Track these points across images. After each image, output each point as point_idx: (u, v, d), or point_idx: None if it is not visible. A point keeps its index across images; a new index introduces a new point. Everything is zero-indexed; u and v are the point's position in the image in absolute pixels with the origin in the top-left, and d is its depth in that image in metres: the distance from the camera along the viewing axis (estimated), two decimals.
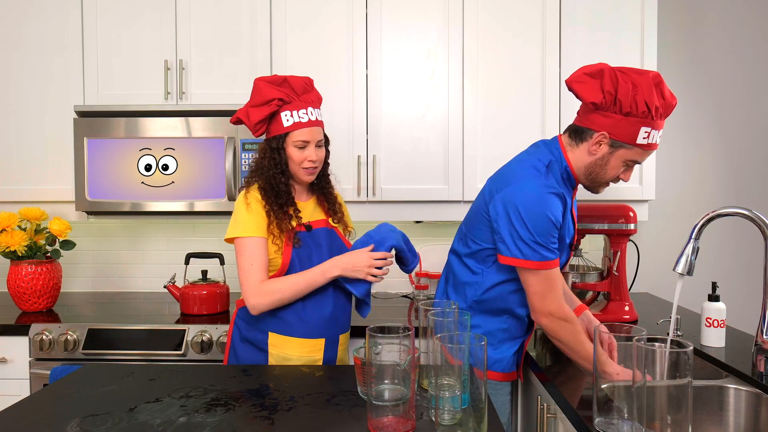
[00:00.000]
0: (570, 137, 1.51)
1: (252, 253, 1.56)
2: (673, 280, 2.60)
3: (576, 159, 1.49)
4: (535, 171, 1.46)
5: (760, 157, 2.45)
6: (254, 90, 1.60)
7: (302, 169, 1.61)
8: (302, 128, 1.59)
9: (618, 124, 1.39)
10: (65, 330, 2.01)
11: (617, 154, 1.43)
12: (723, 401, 1.44)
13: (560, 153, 1.50)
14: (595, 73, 1.42)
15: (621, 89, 1.37)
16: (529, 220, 1.41)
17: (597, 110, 1.42)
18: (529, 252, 1.42)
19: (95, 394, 1.24)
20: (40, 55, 2.30)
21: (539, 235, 1.41)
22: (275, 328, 1.60)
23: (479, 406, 1.01)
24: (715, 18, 2.53)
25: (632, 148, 1.41)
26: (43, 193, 2.32)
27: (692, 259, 1.44)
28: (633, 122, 1.38)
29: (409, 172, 2.28)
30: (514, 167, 1.51)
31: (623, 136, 1.40)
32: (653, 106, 1.36)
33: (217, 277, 2.62)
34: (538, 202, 1.41)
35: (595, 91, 1.41)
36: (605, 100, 1.39)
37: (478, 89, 2.25)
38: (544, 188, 1.42)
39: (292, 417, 1.12)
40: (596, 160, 1.46)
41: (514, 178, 1.47)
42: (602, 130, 1.42)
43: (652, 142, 1.40)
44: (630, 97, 1.37)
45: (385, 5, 2.25)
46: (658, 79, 1.39)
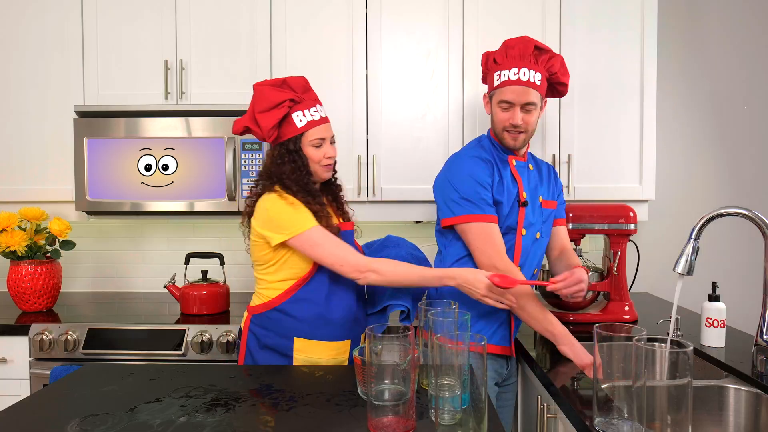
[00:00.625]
0: None
1: (329, 236, 1.52)
2: (673, 280, 2.60)
3: (492, 127, 1.74)
4: (466, 148, 1.74)
5: (760, 157, 2.45)
6: (257, 95, 1.56)
7: (322, 166, 1.62)
8: (317, 126, 1.59)
9: (487, 83, 1.73)
10: (65, 330, 2.01)
11: (493, 102, 1.70)
12: (723, 401, 1.44)
13: (488, 131, 1.76)
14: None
15: (481, 63, 1.74)
16: (456, 182, 1.64)
17: (486, 84, 1.75)
18: (458, 208, 1.63)
19: (95, 394, 1.24)
20: (40, 55, 2.30)
21: (464, 192, 1.61)
22: (301, 333, 1.58)
23: (479, 406, 1.01)
24: (715, 18, 2.53)
25: (495, 91, 1.67)
26: (43, 193, 2.31)
27: (692, 259, 1.44)
28: (490, 75, 1.69)
29: (409, 172, 2.28)
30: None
31: (488, 88, 1.71)
32: (496, 56, 1.68)
33: (217, 277, 2.62)
34: (462, 167, 1.65)
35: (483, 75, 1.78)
36: (482, 76, 1.76)
37: (479, 89, 2.25)
38: (468, 155, 1.67)
39: (292, 417, 1.12)
40: (492, 117, 1.71)
41: (450, 159, 1.73)
42: (484, 93, 1.76)
43: (505, 79, 1.63)
44: (483, 62, 1.73)
45: (385, 5, 2.25)
46: (508, 39, 1.68)
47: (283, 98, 1.55)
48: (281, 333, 1.59)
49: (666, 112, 2.59)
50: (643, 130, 2.25)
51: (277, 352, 1.60)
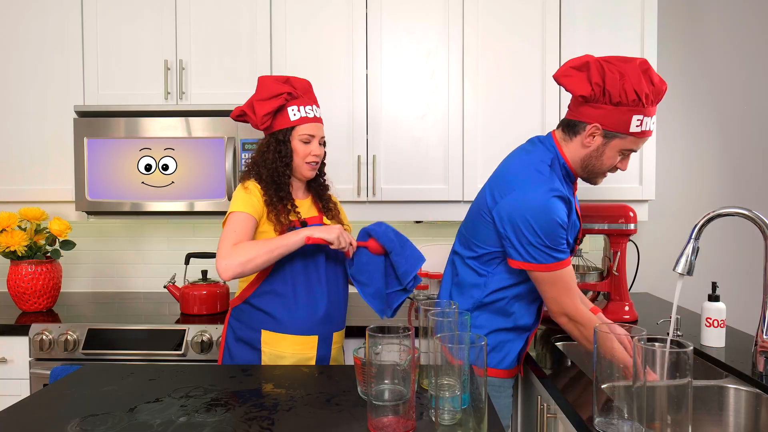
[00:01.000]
0: (563, 132, 1.51)
1: (236, 224, 1.53)
2: (673, 280, 2.60)
3: (571, 153, 1.49)
4: (539, 174, 1.45)
5: (760, 157, 2.45)
6: (260, 86, 1.62)
7: (306, 163, 1.65)
8: (308, 123, 1.64)
9: (609, 114, 1.39)
10: (65, 330, 2.01)
11: (611, 144, 1.43)
12: (723, 401, 1.44)
13: (556, 149, 1.50)
14: (581, 66, 1.42)
15: (608, 79, 1.36)
16: (539, 227, 1.40)
17: (587, 103, 1.42)
18: (540, 256, 1.43)
19: (95, 394, 1.24)
20: (40, 55, 2.30)
21: (549, 240, 1.41)
22: (268, 326, 1.61)
23: (479, 406, 1.01)
24: (715, 18, 2.53)
25: (626, 137, 1.41)
26: (43, 193, 2.31)
27: (692, 259, 1.44)
28: (624, 111, 1.38)
29: (409, 172, 2.28)
30: (516, 169, 1.49)
31: (616, 126, 1.40)
32: (643, 93, 1.36)
33: (217, 277, 2.62)
34: (545, 209, 1.40)
35: (582, 83, 1.40)
36: (594, 92, 1.39)
37: (478, 89, 2.25)
38: (550, 193, 1.41)
39: (292, 417, 1.12)
40: (591, 152, 1.46)
41: (518, 182, 1.45)
42: (594, 122, 1.42)
43: (645, 129, 1.39)
44: (618, 87, 1.36)
45: (385, 5, 2.25)
46: (646, 65, 1.38)
47: (281, 90, 1.60)
48: (251, 325, 1.63)
49: (666, 112, 2.59)
50: None
51: (249, 345, 1.63)
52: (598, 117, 1.41)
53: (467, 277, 1.60)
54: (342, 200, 2.26)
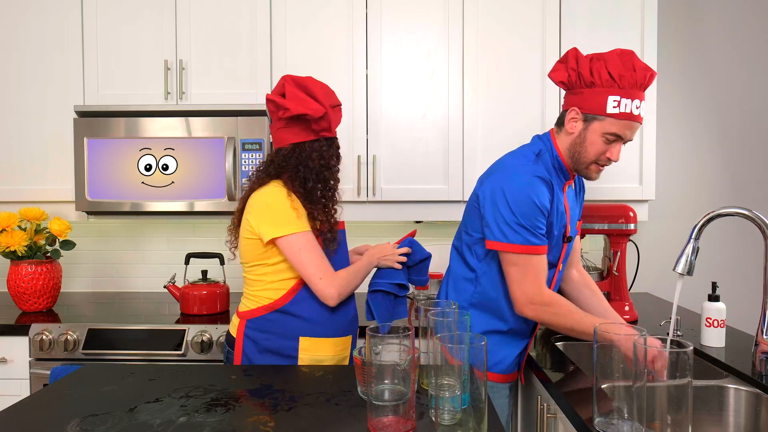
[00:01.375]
0: (556, 125, 1.56)
1: (315, 245, 1.55)
2: (673, 280, 2.60)
3: (561, 144, 1.52)
4: (524, 158, 1.49)
5: (760, 157, 2.45)
6: (327, 90, 1.60)
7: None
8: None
9: (585, 97, 1.43)
10: (65, 330, 2.01)
11: (591, 127, 1.44)
12: (723, 401, 1.44)
13: (550, 143, 1.53)
14: (563, 58, 1.49)
15: (581, 63, 1.43)
16: (514, 203, 1.42)
17: (568, 91, 1.49)
18: (512, 235, 1.43)
19: (95, 394, 1.24)
20: (40, 55, 2.30)
21: (523, 218, 1.42)
22: (307, 332, 1.58)
23: (479, 406, 1.01)
24: (715, 18, 2.53)
25: (604, 119, 1.42)
26: (43, 193, 2.31)
27: (692, 259, 1.44)
28: (599, 92, 1.40)
29: (409, 172, 2.28)
30: (504, 158, 1.55)
31: (592, 108, 1.42)
32: (617, 74, 1.38)
33: (217, 277, 2.62)
34: (523, 186, 1.42)
35: (561, 72, 1.48)
36: (570, 77, 1.45)
37: (478, 89, 2.25)
38: (530, 173, 1.44)
39: (292, 417, 1.12)
40: (575, 138, 1.48)
41: (503, 165, 1.50)
42: (573, 106, 1.46)
43: (625, 111, 1.39)
44: (589, 68, 1.41)
45: (385, 5, 2.25)
46: (628, 52, 1.40)
47: (338, 101, 1.63)
48: (284, 334, 1.57)
49: (666, 112, 2.59)
50: (643, 130, 2.25)
51: (279, 355, 1.58)
52: (576, 102, 1.46)
53: (460, 271, 1.61)
54: (342, 200, 2.25)
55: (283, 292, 1.58)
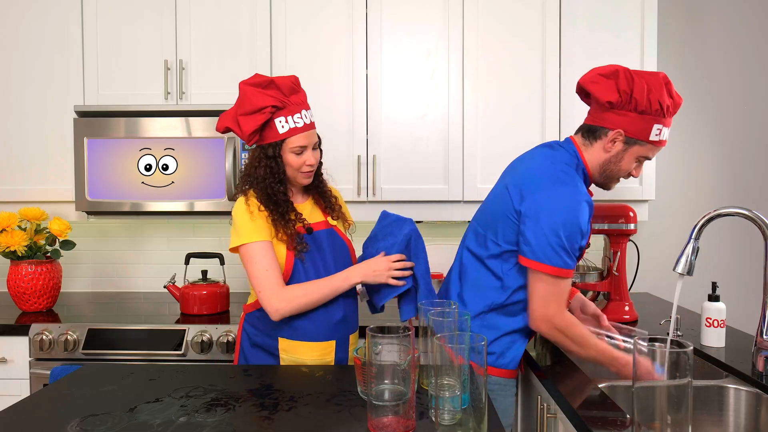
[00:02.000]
0: (584, 137, 1.54)
1: (263, 258, 1.52)
2: (673, 280, 2.60)
3: (591, 157, 1.53)
4: (566, 176, 1.46)
5: (760, 157, 2.45)
6: (241, 96, 1.53)
7: (301, 173, 1.59)
8: (299, 134, 1.55)
9: (633, 121, 1.45)
10: (65, 330, 2.01)
11: (631, 150, 1.48)
12: (723, 401, 1.44)
13: (577, 154, 1.53)
14: (609, 74, 1.47)
15: (636, 88, 1.42)
16: (563, 227, 1.40)
17: (612, 109, 1.47)
18: (553, 257, 1.42)
19: (95, 394, 1.24)
20: (40, 55, 2.30)
21: (568, 242, 1.41)
22: (285, 333, 1.58)
23: (479, 406, 1.01)
24: (715, 18, 2.53)
25: (645, 144, 1.46)
26: (43, 193, 2.31)
27: (692, 259, 1.44)
28: (647, 120, 1.44)
29: (409, 172, 2.28)
30: (542, 169, 1.50)
31: (637, 133, 1.45)
32: (665, 104, 1.43)
33: (217, 277, 2.62)
34: (574, 211, 1.41)
35: (610, 90, 1.45)
36: (621, 99, 1.44)
37: (478, 89, 2.25)
38: (580, 196, 1.43)
39: (292, 417, 1.12)
40: (611, 157, 1.50)
41: (547, 181, 1.46)
42: (618, 128, 1.47)
43: (663, 138, 1.46)
44: (645, 96, 1.42)
45: (385, 5, 2.25)
46: (667, 79, 1.45)
47: (265, 103, 1.50)
48: (267, 332, 1.60)
49: None
50: None
51: (265, 351, 1.61)
52: (621, 123, 1.46)
53: (483, 279, 1.57)
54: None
55: None
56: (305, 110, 1.57)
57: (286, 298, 1.50)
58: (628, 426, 1.12)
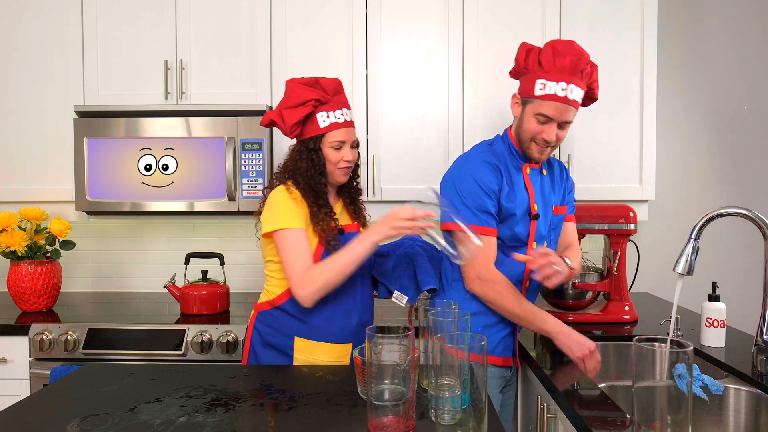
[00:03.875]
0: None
1: (297, 245, 1.52)
2: (673, 280, 2.60)
3: (513, 130, 1.65)
4: (474, 150, 1.64)
5: (760, 157, 2.45)
6: (288, 92, 1.58)
7: (338, 169, 1.61)
8: (339, 128, 1.59)
9: (522, 83, 1.58)
10: (65, 330, 2.01)
11: (526, 110, 1.57)
12: (723, 401, 1.44)
13: (506, 132, 1.67)
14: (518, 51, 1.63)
15: (519, 53, 1.59)
16: (459, 185, 1.56)
17: (517, 80, 1.64)
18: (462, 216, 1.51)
19: (95, 394, 1.24)
20: (40, 55, 2.30)
21: (467, 198, 1.55)
22: (303, 333, 1.58)
23: (479, 406, 1.01)
24: (715, 18, 2.53)
25: (534, 100, 1.54)
26: (43, 193, 2.31)
27: (692, 259, 1.44)
28: (529, 78, 1.55)
29: (409, 172, 2.28)
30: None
31: (525, 92, 1.57)
32: (541, 58, 1.53)
33: (217, 277, 2.62)
34: (467, 170, 1.57)
35: (513, 66, 1.64)
36: (514, 69, 1.63)
37: (478, 89, 2.25)
38: (476, 159, 1.58)
39: (292, 417, 1.12)
40: (518, 121, 1.61)
41: (457, 158, 1.66)
42: (515, 92, 1.62)
43: (550, 92, 1.50)
44: (522, 58, 1.57)
45: (385, 5, 2.25)
46: (562, 41, 1.53)
47: (310, 97, 1.56)
48: (283, 332, 1.59)
49: (666, 112, 2.59)
50: (643, 130, 2.25)
51: (279, 351, 1.60)
52: (518, 89, 1.61)
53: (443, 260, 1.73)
54: None
55: (283, 290, 1.61)
56: (346, 109, 1.63)
57: (308, 280, 1.50)
58: (628, 426, 1.12)
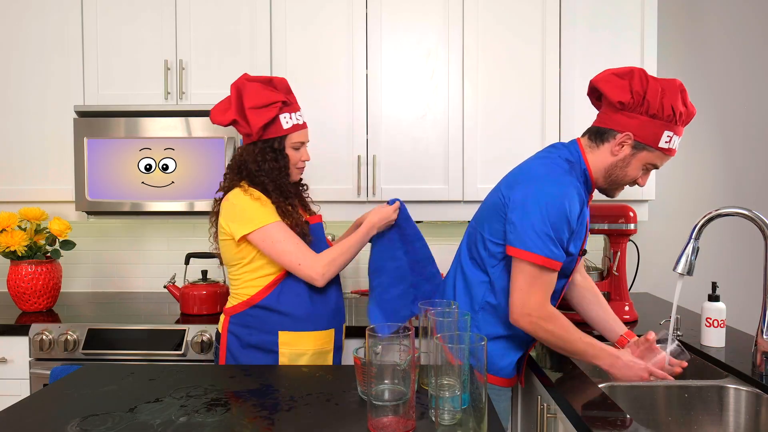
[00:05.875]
0: (590, 139, 1.49)
1: (288, 234, 1.56)
2: (673, 280, 2.60)
3: (596, 160, 1.47)
4: (558, 167, 1.43)
5: (760, 157, 2.45)
6: (249, 91, 1.56)
7: (296, 168, 1.68)
8: (300, 130, 1.65)
9: (643, 125, 1.39)
10: (65, 330, 2.01)
11: (639, 156, 1.42)
12: (723, 401, 1.44)
13: (579, 155, 1.48)
14: (624, 74, 1.41)
15: (650, 91, 1.37)
16: (546, 212, 1.36)
17: (622, 110, 1.41)
18: (537, 243, 1.36)
19: (95, 394, 1.24)
20: (40, 55, 2.30)
21: (552, 229, 1.36)
22: (286, 326, 1.60)
23: (479, 406, 1.01)
24: (715, 18, 2.53)
25: (654, 151, 1.41)
26: (43, 193, 2.31)
27: (692, 259, 1.44)
28: (658, 125, 1.38)
29: (409, 172, 2.28)
30: (535, 166, 1.47)
31: (647, 138, 1.39)
32: (678, 110, 1.37)
33: (217, 277, 2.62)
34: (558, 195, 1.37)
35: (623, 90, 1.40)
36: (633, 100, 1.39)
37: (478, 89, 2.25)
38: (566, 184, 1.39)
39: (292, 417, 1.12)
40: (617, 161, 1.44)
41: (537, 173, 1.43)
42: (627, 131, 1.41)
43: (672, 147, 1.40)
44: (658, 99, 1.37)
45: (385, 5, 2.25)
46: (683, 87, 1.40)
47: (275, 99, 1.57)
48: (265, 329, 1.60)
49: None
50: None
51: (262, 349, 1.61)
52: (631, 126, 1.40)
53: (473, 273, 1.55)
54: (342, 200, 2.27)
55: (259, 288, 1.61)
56: (300, 110, 1.68)
57: (328, 261, 1.58)
58: (628, 426, 1.12)
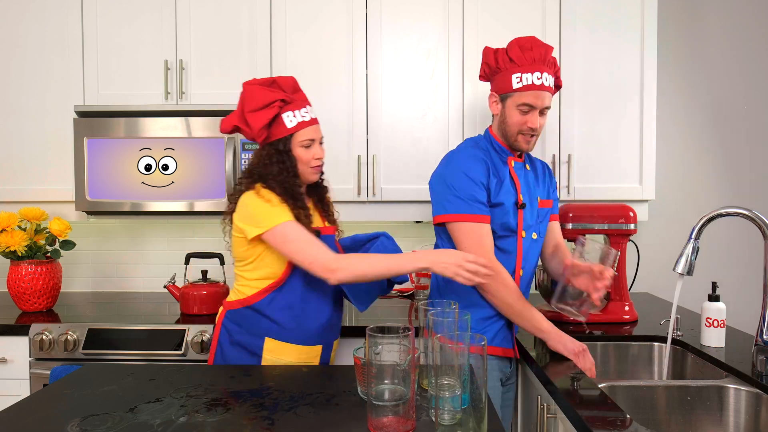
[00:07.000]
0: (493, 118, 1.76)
1: (302, 232, 1.49)
2: (673, 280, 2.60)
3: (494, 128, 1.73)
4: (459, 148, 1.70)
5: (760, 157, 2.45)
6: (248, 95, 1.54)
7: (310, 168, 1.61)
8: (307, 127, 1.58)
9: (496, 81, 1.67)
10: (65, 330, 2.01)
11: (507, 103, 1.65)
12: (723, 401, 1.44)
13: (487, 132, 1.75)
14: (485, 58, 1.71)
15: (488, 56, 1.68)
16: (450, 180, 1.62)
17: (488, 82, 1.74)
18: (450, 206, 1.61)
19: (95, 394, 1.24)
20: (40, 55, 2.30)
21: (459, 190, 1.60)
22: (273, 334, 1.58)
23: (479, 406, 1.01)
24: (715, 18, 2.53)
25: (513, 94, 1.63)
26: (43, 193, 2.31)
27: (692, 259, 1.44)
28: (503, 75, 1.64)
29: (409, 172, 2.28)
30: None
31: (502, 89, 1.65)
32: (512, 55, 1.62)
33: (217, 277, 2.62)
34: (456, 165, 1.64)
35: (481, 69, 1.73)
36: (484, 71, 1.71)
37: (478, 89, 2.25)
38: (463, 154, 1.65)
39: (292, 417, 1.12)
40: (500, 118, 1.69)
41: (444, 157, 1.72)
42: (491, 92, 1.71)
43: (527, 83, 1.60)
44: (492, 60, 1.67)
45: (385, 5, 2.25)
46: (520, 39, 1.63)
47: (273, 98, 1.53)
48: (253, 331, 1.59)
49: (666, 112, 2.59)
50: (643, 130, 2.25)
51: (247, 350, 1.60)
52: (492, 87, 1.70)
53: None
54: (342, 200, 2.26)
55: (256, 290, 1.60)
56: (308, 106, 1.62)
57: (348, 264, 1.45)
58: (628, 426, 1.12)
